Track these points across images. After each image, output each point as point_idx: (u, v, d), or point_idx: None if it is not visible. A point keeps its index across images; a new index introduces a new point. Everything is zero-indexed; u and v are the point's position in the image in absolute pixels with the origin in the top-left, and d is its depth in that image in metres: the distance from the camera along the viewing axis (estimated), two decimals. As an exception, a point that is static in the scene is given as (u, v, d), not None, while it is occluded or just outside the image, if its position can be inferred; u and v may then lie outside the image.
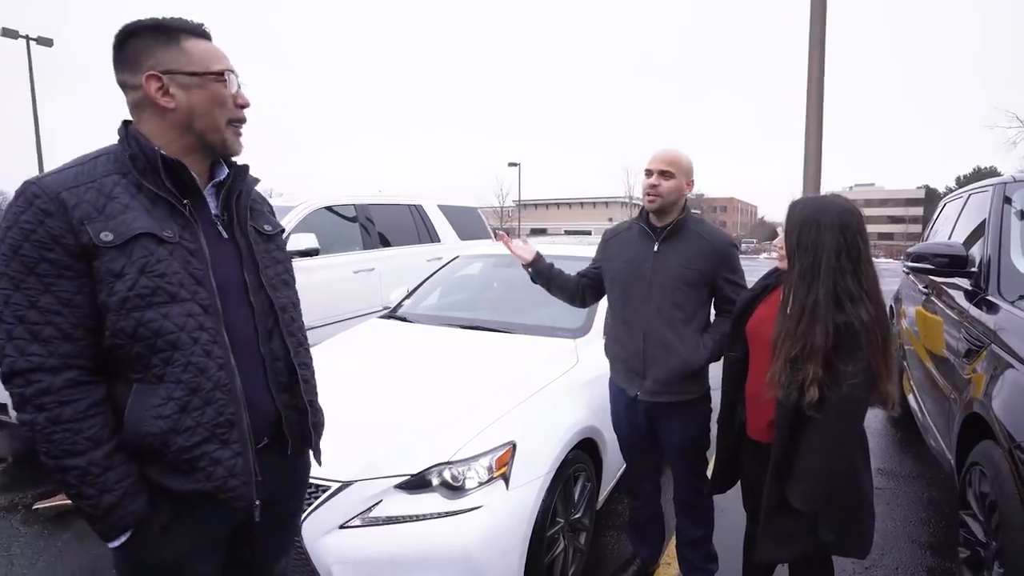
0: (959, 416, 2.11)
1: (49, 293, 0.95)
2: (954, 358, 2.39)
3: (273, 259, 1.23)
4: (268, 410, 1.16)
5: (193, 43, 1.08)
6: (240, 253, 1.15)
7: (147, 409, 1.00)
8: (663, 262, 1.98)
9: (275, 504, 1.22)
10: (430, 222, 6.11)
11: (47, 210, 0.95)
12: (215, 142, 1.11)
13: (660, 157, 1.95)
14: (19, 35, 16.53)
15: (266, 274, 1.19)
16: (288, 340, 1.20)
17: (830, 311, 1.41)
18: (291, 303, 1.26)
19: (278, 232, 1.29)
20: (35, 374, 0.95)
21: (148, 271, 0.99)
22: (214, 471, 1.04)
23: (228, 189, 1.16)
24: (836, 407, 1.41)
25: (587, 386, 2.38)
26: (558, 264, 2.26)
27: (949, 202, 3.87)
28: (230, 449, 1.06)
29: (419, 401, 2.15)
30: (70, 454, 0.96)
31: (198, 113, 1.07)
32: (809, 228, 1.46)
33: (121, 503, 0.99)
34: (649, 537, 2.32)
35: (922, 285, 3.37)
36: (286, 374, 1.20)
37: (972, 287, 2.46)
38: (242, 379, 1.09)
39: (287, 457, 1.23)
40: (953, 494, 2.20)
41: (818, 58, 5.90)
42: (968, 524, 1.93)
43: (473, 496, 1.80)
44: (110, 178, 1.01)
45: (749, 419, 1.71)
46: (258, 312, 1.15)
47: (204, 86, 1.07)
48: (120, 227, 0.98)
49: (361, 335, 3.06)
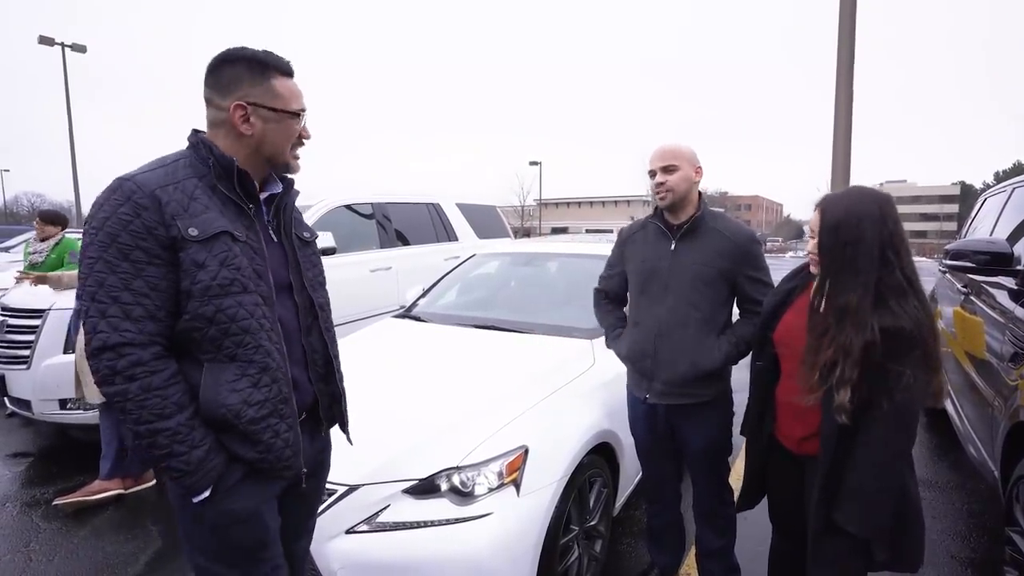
0: (1004, 425, 1.97)
1: (140, 278, 1.06)
2: (997, 362, 2.24)
3: (311, 263, 1.37)
4: (307, 393, 1.31)
5: (281, 81, 1.21)
6: (287, 256, 1.29)
7: (223, 384, 1.13)
8: (680, 261, 1.89)
9: (319, 473, 1.40)
10: (448, 221, 6.07)
11: (144, 204, 1.06)
12: (279, 164, 1.26)
13: (659, 154, 1.88)
14: (55, 42, 17.07)
15: (307, 276, 1.32)
16: (326, 335, 1.35)
17: (869, 311, 1.31)
18: (327, 302, 1.41)
19: (314, 239, 1.43)
20: (127, 348, 1.05)
21: (227, 264, 1.11)
22: (274, 442, 1.18)
23: (279, 200, 1.29)
24: (892, 418, 1.30)
25: (604, 388, 2.29)
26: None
27: (990, 197, 3.67)
28: (285, 423, 1.20)
29: (429, 404, 2.10)
30: (162, 417, 1.07)
31: (270, 142, 1.21)
32: (849, 224, 1.35)
33: (208, 457, 1.11)
34: (668, 546, 2.23)
35: (961, 284, 3.19)
36: (323, 364, 1.35)
37: (1018, 286, 2.30)
38: (290, 364, 1.23)
39: (318, 437, 1.39)
40: (996, 507, 2.06)
41: (847, 51, 5.69)
42: (1016, 542, 1.79)
43: (483, 503, 1.74)
44: (190, 181, 1.13)
45: (781, 428, 1.61)
46: (301, 308, 1.29)
47: (281, 121, 1.21)
48: (204, 224, 1.10)
49: (374, 335, 3.02)
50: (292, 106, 1.22)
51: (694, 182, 1.90)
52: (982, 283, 2.76)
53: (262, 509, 1.22)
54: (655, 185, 1.88)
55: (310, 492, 1.39)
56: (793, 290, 1.61)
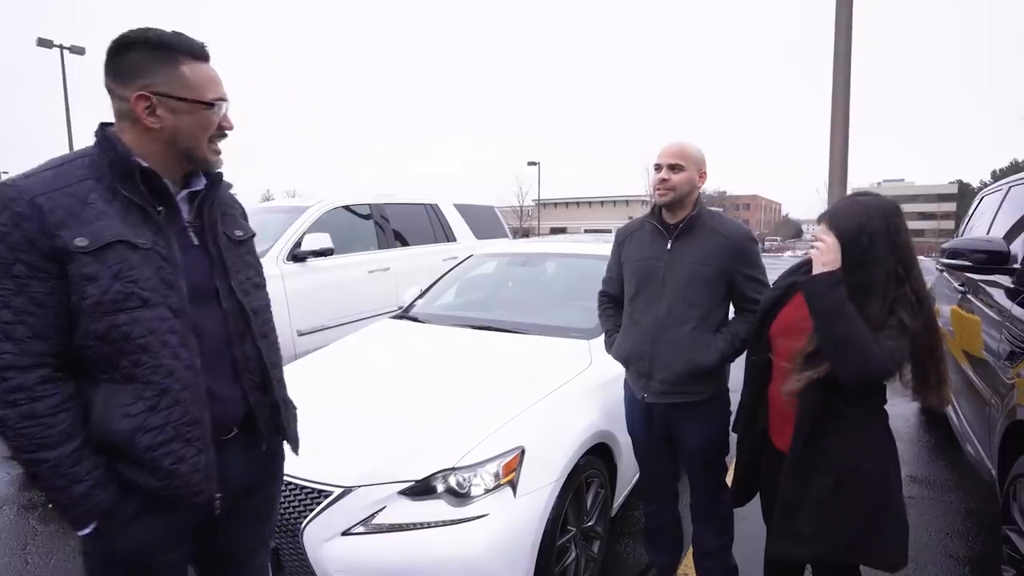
0: (1001, 423, 1.97)
1: (23, 294, 0.97)
2: (994, 360, 2.24)
3: (244, 264, 1.26)
4: (236, 406, 1.20)
5: (191, 67, 1.08)
6: (211, 259, 1.17)
7: (115, 408, 1.03)
8: (677, 260, 1.89)
9: (248, 495, 1.27)
10: (446, 221, 6.07)
11: (24, 213, 0.96)
12: (196, 160, 1.14)
13: (669, 150, 1.88)
14: (53, 44, 17.04)
15: (236, 279, 1.21)
16: (260, 342, 1.23)
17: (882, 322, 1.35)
18: (263, 305, 1.28)
19: (249, 237, 1.31)
20: (7, 372, 0.97)
21: (122, 277, 1.01)
22: (177, 468, 1.07)
23: (202, 198, 1.18)
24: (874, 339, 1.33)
25: (601, 388, 2.29)
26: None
27: (987, 195, 3.67)
28: (193, 447, 1.09)
29: (425, 404, 2.10)
30: (43, 447, 0.99)
31: (183, 135, 1.09)
32: (860, 241, 1.36)
33: (91, 493, 1.02)
34: (666, 546, 2.22)
35: (958, 283, 3.19)
36: (259, 373, 1.23)
37: (1014, 284, 2.31)
38: (210, 378, 1.13)
39: (260, 450, 1.27)
40: (994, 505, 2.06)
41: (844, 49, 5.69)
42: (1013, 540, 1.79)
43: (479, 504, 1.74)
44: (85, 183, 1.02)
45: (774, 427, 1.61)
46: (230, 315, 1.18)
47: (193, 112, 1.09)
48: (95, 233, 1.00)
49: (371, 335, 3.02)
50: (206, 95, 1.09)
51: (696, 186, 1.90)
52: (979, 282, 2.77)
53: (158, 550, 1.12)
54: (658, 180, 1.87)
55: (255, 507, 1.30)
56: (793, 285, 1.61)
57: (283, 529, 1.76)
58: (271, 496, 1.37)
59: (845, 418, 1.40)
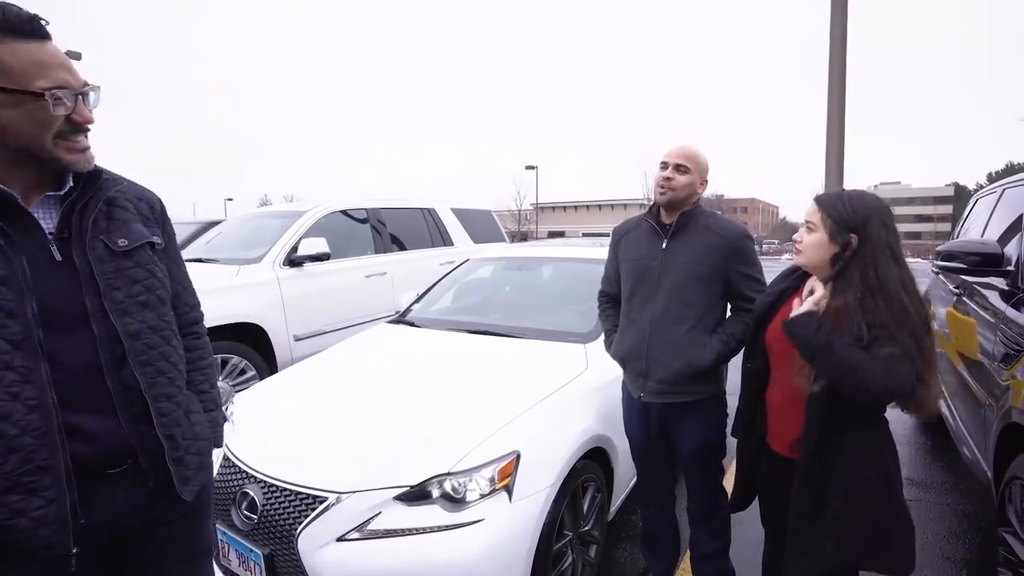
0: (996, 425, 1.97)
1: None
2: (989, 362, 2.25)
3: (127, 279, 1.05)
4: (115, 441, 1.03)
5: (9, 47, 0.88)
6: (79, 276, 1.00)
7: None
8: (672, 259, 1.90)
9: (145, 535, 1.12)
10: (443, 226, 6.07)
11: None
12: (47, 161, 0.95)
13: (677, 151, 1.89)
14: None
15: (112, 297, 1.02)
16: (139, 371, 1.05)
17: (858, 309, 1.34)
18: (148, 327, 1.08)
19: (138, 246, 1.09)
20: None
21: None
22: (15, 522, 0.92)
23: (71, 202, 1.01)
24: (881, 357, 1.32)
25: (597, 392, 2.29)
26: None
27: (981, 198, 3.68)
28: (39, 497, 0.93)
29: (421, 409, 2.09)
30: None
31: (14, 132, 0.91)
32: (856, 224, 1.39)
33: None
34: (663, 550, 2.22)
35: (953, 285, 3.20)
36: (141, 405, 1.06)
37: (1008, 287, 2.31)
38: (75, 413, 0.98)
39: (140, 493, 1.09)
40: (990, 507, 2.06)
41: (840, 52, 5.73)
42: (1008, 542, 1.79)
43: (474, 509, 1.73)
44: None
45: (772, 432, 1.61)
46: (101, 340, 1.01)
47: (20, 105, 0.89)
48: None
49: (367, 340, 3.01)
50: (35, 83, 0.89)
51: (696, 191, 1.92)
52: (973, 284, 2.77)
53: None
54: (662, 178, 1.88)
55: (161, 551, 1.15)
56: (785, 291, 1.61)
57: (278, 535, 1.75)
58: (190, 536, 1.20)
59: (848, 431, 1.40)
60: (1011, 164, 57.77)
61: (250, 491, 1.84)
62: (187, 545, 1.21)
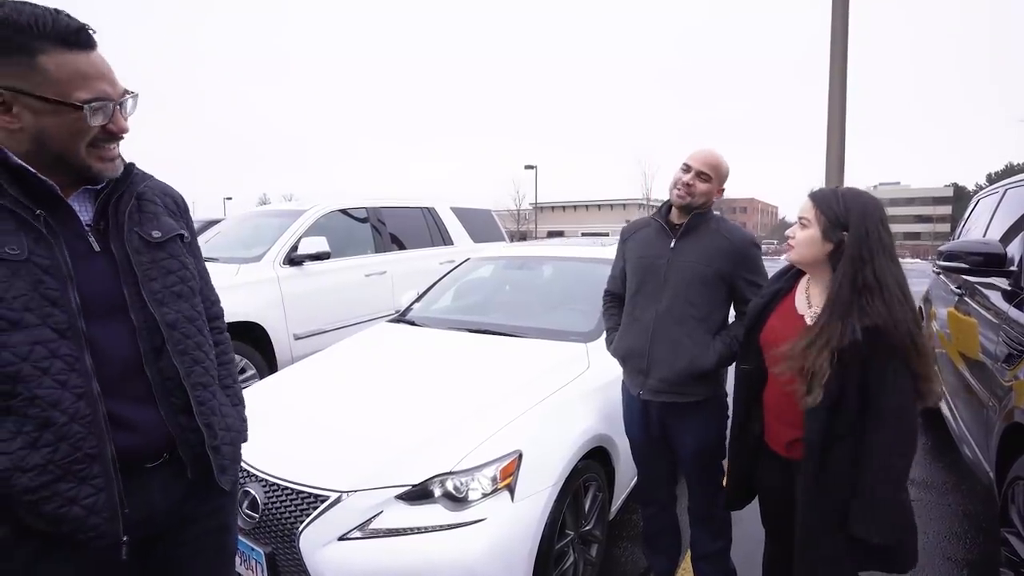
0: (998, 426, 1.97)
1: None
2: (991, 363, 2.24)
3: (162, 270, 1.08)
4: (155, 432, 1.05)
5: (55, 58, 0.89)
6: (118, 266, 1.02)
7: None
8: (680, 259, 1.90)
9: (183, 529, 1.13)
10: (443, 225, 6.07)
11: None
12: (77, 168, 0.97)
13: (703, 158, 1.88)
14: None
15: (149, 287, 1.04)
16: (178, 359, 1.07)
17: (851, 305, 1.33)
18: (183, 317, 1.10)
19: (171, 237, 1.12)
20: None
21: None
22: (67, 511, 0.93)
23: (106, 195, 1.03)
24: (895, 420, 1.31)
25: (598, 392, 2.29)
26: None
27: (983, 198, 3.68)
28: (89, 485, 0.95)
29: (422, 409, 2.09)
30: None
31: (52, 139, 0.92)
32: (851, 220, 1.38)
33: None
34: (664, 549, 2.22)
35: (955, 285, 3.20)
36: (180, 395, 1.07)
37: (1011, 287, 2.31)
38: (117, 403, 0.99)
39: (179, 484, 1.11)
40: (992, 508, 2.06)
41: (840, 52, 5.73)
42: (1011, 543, 1.79)
43: (477, 508, 1.73)
44: None
45: (769, 432, 1.61)
46: (140, 330, 1.03)
47: (60, 114, 0.91)
48: None
49: (367, 340, 3.01)
50: (73, 94, 0.90)
51: (712, 200, 1.92)
52: (976, 284, 2.77)
53: None
54: (682, 182, 1.87)
55: (195, 545, 1.16)
56: (779, 292, 1.60)
57: (279, 534, 1.75)
58: (212, 532, 1.19)
59: (847, 442, 1.39)
60: (1011, 165, 57.85)
61: (251, 490, 1.83)
62: (216, 542, 1.22)
